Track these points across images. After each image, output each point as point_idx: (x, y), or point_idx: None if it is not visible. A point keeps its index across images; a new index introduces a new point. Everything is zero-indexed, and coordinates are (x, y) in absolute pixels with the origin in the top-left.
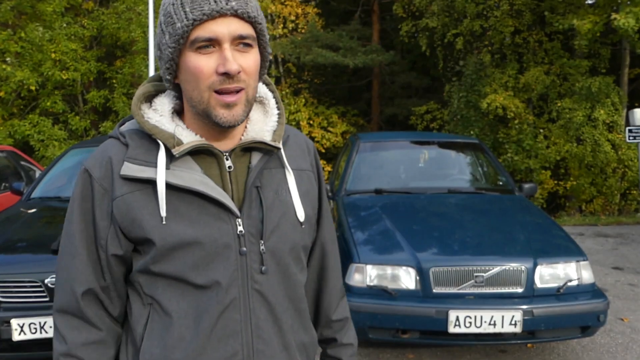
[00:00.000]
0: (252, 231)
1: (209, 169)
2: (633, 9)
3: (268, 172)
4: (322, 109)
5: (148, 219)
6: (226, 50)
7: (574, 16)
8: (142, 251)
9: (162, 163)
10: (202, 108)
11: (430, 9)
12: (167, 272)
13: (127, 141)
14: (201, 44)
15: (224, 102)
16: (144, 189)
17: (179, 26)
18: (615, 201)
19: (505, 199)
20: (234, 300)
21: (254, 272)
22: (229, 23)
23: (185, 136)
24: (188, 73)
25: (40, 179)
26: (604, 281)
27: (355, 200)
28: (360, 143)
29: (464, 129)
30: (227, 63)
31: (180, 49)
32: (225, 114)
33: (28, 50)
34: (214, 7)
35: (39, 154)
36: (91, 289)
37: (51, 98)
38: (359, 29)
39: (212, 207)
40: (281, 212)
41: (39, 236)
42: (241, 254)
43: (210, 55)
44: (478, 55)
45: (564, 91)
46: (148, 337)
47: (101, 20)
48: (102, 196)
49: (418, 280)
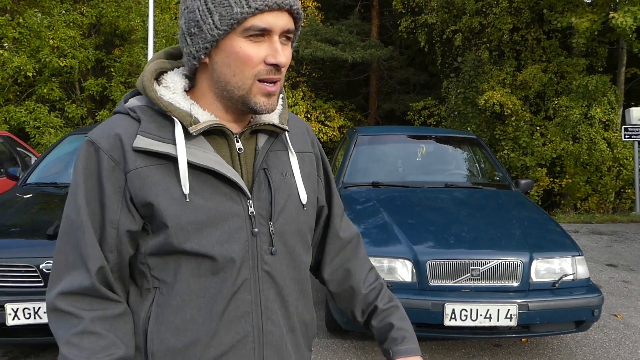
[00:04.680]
0: (262, 212)
1: (220, 150)
2: (631, 8)
3: (274, 155)
4: (320, 103)
5: (164, 195)
6: (276, 42)
7: (572, 14)
8: (151, 230)
9: (181, 139)
10: (241, 94)
11: (429, 5)
12: (185, 249)
13: (138, 116)
14: (255, 32)
15: (267, 91)
16: (160, 164)
17: (237, 11)
18: (610, 199)
19: (502, 194)
20: (246, 281)
21: (263, 253)
22: (283, 17)
23: (201, 115)
24: (233, 58)
25: (37, 165)
26: (598, 278)
27: (353, 193)
28: (359, 136)
29: (461, 125)
30: (278, 55)
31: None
32: (265, 102)
33: (26, 36)
34: (277, 0)
35: (34, 141)
36: (103, 267)
37: (48, 85)
38: (358, 24)
39: (225, 187)
40: (287, 195)
41: (35, 221)
42: (253, 234)
43: (260, 44)
44: (476, 52)
45: (561, 89)
46: (155, 322)
47: (100, 8)
48: (112, 169)
49: (414, 273)
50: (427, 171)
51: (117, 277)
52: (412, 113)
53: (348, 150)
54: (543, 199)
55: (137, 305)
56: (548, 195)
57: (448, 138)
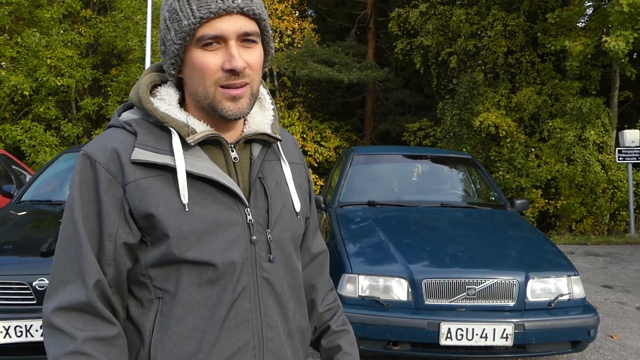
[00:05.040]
0: (260, 220)
1: (216, 160)
2: (623, 32)
3: (268, 164)
4: (316, 123)
5: (164, 206)
6: (232, 47)
7: (566, 38)
8: (150, 242)
9: (179, 150)
10: (208, 103)
11: (425, 27)
12: (186, 258)
13: (134, 129)
14: (207, 41)
15: (230, 96)
16: (159, 175)
17: (185, 24)
18: (605, 221)
19: (498, 214)
20: (245, 288)
21: (262, 261)
22: (235, 20)
23: (197, 125)
24: (194, 69)
25: (32, 182)
26: (594, 299)
27: (348, 212)
28: (354, 156)
29: (456, 146)
30: (233, 60)
31: (186, 46)
32: (232, 106)
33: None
34: (220, 5)
35: (29, 160)
36: (100, 281)
37: (45, 104)
38: (354, 46)
39: (223, 196)
40: (282, 203)
41: (28, 239)
42: (252, 242)
43: (216, 52)
44: (471, 74)
45: (555, 111)
46: (159, 332)
47: (98, 28)
48: (109, 182)
49: (410, 292)
50: (423, 191)
51: (115, 291)
52: (407, 134)
53: (344, 170)
54: (538, 221)
55: (141, 317)
56: (543, 217)
57: (443, 158)
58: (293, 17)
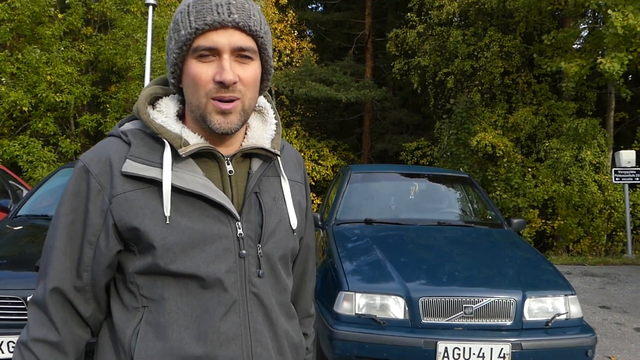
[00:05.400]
0: (251, 235)
1: (211, 172)
2: (618, 54)
3: (266, 179)
4: (314, 142)
5: (150, 218)
6: (225, 60)
7: (562, 59)
8: (138, 251)
9: (168, 163)
10: (200, 113)
11: (422, 48)
12: (171, 270)
13: (129, 139)
14: (202, 52)
15: (220, 109)
16: (146, 187)
17: (183, 34)
18: (602, 242)
19: (495, 233)
20: (235, 302)
21: (251, 275)
22: (230, 34)
23: (191, 138)
24: (189, 79)
25: (28, 197)
26: (591, 319)
27: (345, 229)
28: (352, 174)
29: (453, 165)
30: (223, 73)
31: (184, 56)
32: (220, 120)
33: (24, 72)
34: (215, 18)
35: (26, 175)
36: (58, 288)
37: (43, 120)
38: (352, 65)
39: (213, 209)
40: (278, 219)
41: (23, 253)
42: (241, 256)
43: (210, 63)
44: (468, 94)
45: (552, 132)
46: (142, 340)
47: (99, 46)
48: (97, 193)
49: (407, 310)
50: (420, 209)
51: (90, 297)
52: (405, 153)
53: (341, 188)
54: (536, 241)
55: (124, 323)
56: (540, 237)
57: (440, 177)
58: (292, 37)
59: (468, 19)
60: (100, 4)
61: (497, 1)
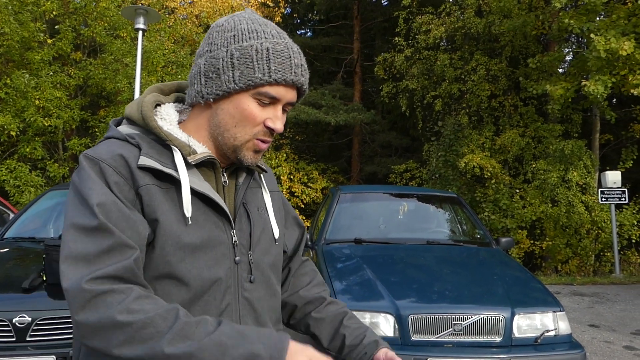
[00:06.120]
0: (243, 242)
1: (207, 181)
2: (602, 77)
3: (250, 191)
4: (303, 165)
5: (168, 215)
6: (279, 110)
7: (547, 82)
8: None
9: (183, 166)
10: (235, 144)
11: (410, 71)
12: (176, 269)
13: (137, 142)
14: (266, 98)
15: (259, 148)
16: (163, 185)
17: (258, 76)
18: (590, 262)
19: (483, 252)
20: (229, 305)
21: (243, 281)
22: (293, 92)
23: (198, 147)
24: (239, 112)
25: (15, 220)
26: (581, 338)
27: (335, 249)
28: (341, 194)
29: (442, 187)
30: (277, 123)
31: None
32: (253, 156)
33: (12, 97)
34: (294, 78)
35: (13, 200)
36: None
37: (31, 144)
38: (341, 89)
39: (214, 216)
40: (261, 228)
41: (9, 275)
42: (235, 262)
43: (265, 107)
44: (456, 116)
45: (539, 153)
46: None
47: (88, 70)
48: (122, 183)
49: (397, 328)
50: (409, 228)
51: None
52: (394, 176)
53: (331, 208)
54: (524, 262)
55: None
56: (529, 258)
57: (429, 196)
58: None
59: (455, 43)
60: (90, 29)
61: (482, 26)
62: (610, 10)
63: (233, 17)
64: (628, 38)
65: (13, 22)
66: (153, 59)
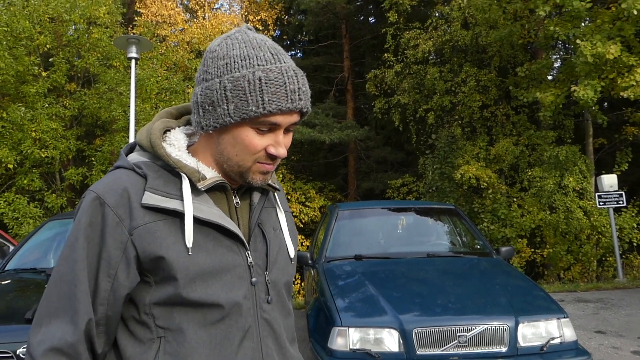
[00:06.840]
0: (259, 263)
1: (219, 204)
2: (591, 82)
3: (265, 211)
4: (300, 184)
5: (172, 248)
6: (280, 135)
7: (537, 90)
8: (155, 282)
9: (189, 196)
10: (240, 170)
11: (401, 86)
12: (192, 299)
13: (144, 172)
14: (264, 127)
15: (265, 170)
16: (167, 219)
17: (252, 109)
18: (593, 268)
19: (484, 262)
20: (250, 328)
21: (261, 302)
22: (293, 116)
23: (207, 172)
24: (239, 142)
25: (16, 252)
26: (587, 345)
27: (335, 266)
28: (339, 211)
29: (439, 200)
30: (279, 149)
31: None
32: (261, 178)
33: (8, 130)
34: (289, 106)
35: (12, 232)
36: (91, 320)
37: (29, 176)
38: (334, 107)
39: (226, 239)
40: (278, 248)
41: (12, 306)
42: (252, 284)
43: (265, 135)
44: (449, 128)
45: (533, 161)
46: None
47: (83, 101)
48: (116, 225)
49: (401, 343)
50: (409, 242)
51: (102, 330)
52: (391, 191)
53: (329, 225)
54: (526, 271)
55: (138, 355)
56: (531, 267)
57: (427, 209)
58: None
59: (443, 56)
60: (83, 60)
61: (470, 38)
62: (595, 16)
63: (226, 40)
64: (614, 42)
65: (8, 56)
66: (146, 86)
